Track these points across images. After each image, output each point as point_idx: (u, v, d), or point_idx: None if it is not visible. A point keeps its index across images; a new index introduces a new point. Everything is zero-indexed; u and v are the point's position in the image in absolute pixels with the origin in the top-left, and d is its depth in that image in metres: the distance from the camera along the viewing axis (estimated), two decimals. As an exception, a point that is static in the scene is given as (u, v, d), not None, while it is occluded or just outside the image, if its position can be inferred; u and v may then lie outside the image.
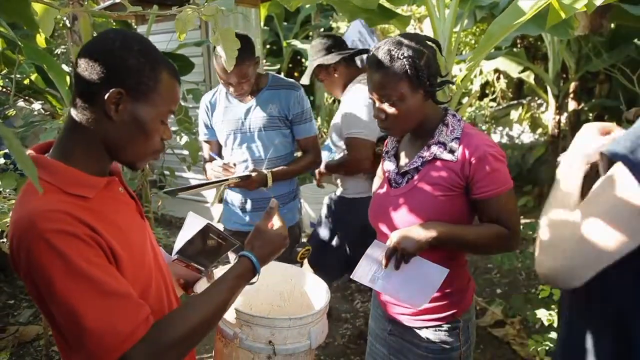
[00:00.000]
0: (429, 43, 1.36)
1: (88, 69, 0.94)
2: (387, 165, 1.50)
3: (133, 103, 0.96)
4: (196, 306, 0.98)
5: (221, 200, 2.36)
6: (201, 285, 1.34)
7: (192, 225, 1.37)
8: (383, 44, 1.34)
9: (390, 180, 1.47)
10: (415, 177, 1.39)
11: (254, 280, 1.10)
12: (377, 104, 1.36)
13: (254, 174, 2.07)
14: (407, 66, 1.28)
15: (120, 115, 0.96)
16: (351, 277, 1.42)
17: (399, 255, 1.31)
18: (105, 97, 0.93)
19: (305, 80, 2.49)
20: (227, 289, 1.03)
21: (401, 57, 1.29)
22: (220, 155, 2.30)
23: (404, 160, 1.47)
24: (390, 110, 1.33)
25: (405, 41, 1.32)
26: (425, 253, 1.34)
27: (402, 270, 1.34)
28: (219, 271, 1.45)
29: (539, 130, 5.36)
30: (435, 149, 1.36)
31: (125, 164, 1.04)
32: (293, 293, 1.55)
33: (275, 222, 1.17)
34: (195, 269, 1.32)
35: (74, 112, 0.98)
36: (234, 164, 2.14)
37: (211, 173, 2.13)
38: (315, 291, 1.49)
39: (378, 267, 1.37)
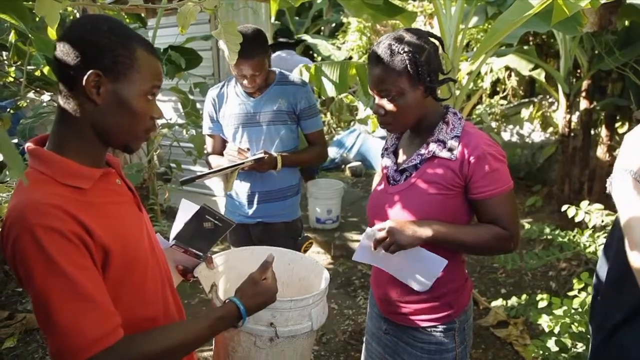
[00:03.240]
0: (431, 39, 1.35)
1: (64, 57, 0.95)
2: (386, 162, 1.49)
3: (113, 84, 0.96)
4: (171, 332, 0.99)
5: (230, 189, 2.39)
6: (200, 270, 1.35)
7: (186, 211, 1.37)
8: (384, 38, 1.33)
9: (388, 178, 1.47)
10: (414, 174, 1.38)
11: (238, 325, 1.11)
12: (377, 99, 1.35)
13: (265, 157, 2.10)
14: (407, 61, 1.27)
15: (103, 98, 0.96)
16: (353, 258, 1.41)
17: (387, 245, 1.30)
18: (84, 80, 0.93)
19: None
20: (206, 327, 1.04)
21: (401, 52, 1.27)
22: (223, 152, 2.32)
23: (402, 157, 1.46)
24: (390, 105, 1.32)
25: (407, 36, 1.31)
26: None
27: (400, 255, 1.33)
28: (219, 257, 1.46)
29: (550, 129, 5.29)
30: (434, 147, 1.35)
31: (119, 148, 1.04)
32: (291, 278, 1.55)
33: (269, 276, 1.18)
34: (193, 254, 1.32)
35: (61, 102, 0.98)
36: (247, 148, 2.17)
37: (226, 157, 2.16)
38: (314, 276, 1.50)
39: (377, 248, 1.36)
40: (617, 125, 4.48)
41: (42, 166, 0.94)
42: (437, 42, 1.37)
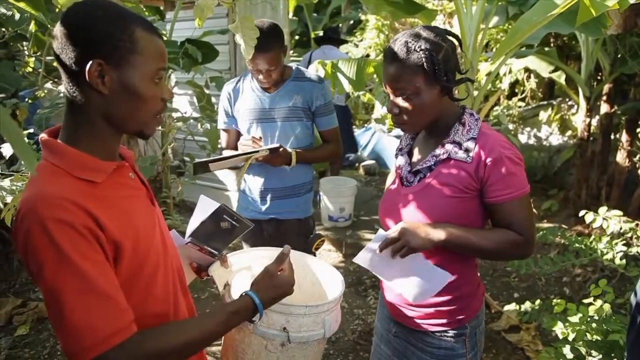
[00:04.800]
0: (449, 37, 1.32)
1: (62, 50, 0.92)
2: (400, 162, 1.46)
3: (117, 71, 0.92)
4: (184, 327, 0.97)
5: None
6: (214, 269, 1.33)
7: (204, 208, 1.35)
8: (401, 35, 1.30)
9: (402, 178, 1.44)
10: (428, 175, 1.35)
11: (254, 319, 1.09)
12: (391, 97, 1.32)
13: (280, 149, 2.10)
14: (423, 59, 1.23)
15: (108, 87, 0.93)
16: (354, 260, 1.38)
17: (399, 247, 1.26)
18: (86, 72, 0.90)
19: None
20: (220, 322, 1.02)
21: (418, 50, 1.24)
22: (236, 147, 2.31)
23: (417, 157, 1.43)
24: (404, 104, 1.29)
25: (424, 33, 1.27)
26: (433, 253, 1.30)
27: (402, 263, 1.29)
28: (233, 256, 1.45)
29: (568, 133, 5.20)
30: (449, 148, 1.32)
31: (133, 134, 1.02)
32: (304, 282, 1.53)
33: (286, 268, 1.16)
34: (208, 252, 1.31)
35: (67, 95, 0.96)
36: (260, 137, 2.16)
37: (240, 148, 2.16)
38: (327, 281, 1.48)
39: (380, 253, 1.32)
40: (638, 130, 4.39)
41: (55, 158, 0.93)
42: (455, 41, 1.34)
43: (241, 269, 1.48)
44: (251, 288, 1.10)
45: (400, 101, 1.30)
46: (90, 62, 0.90)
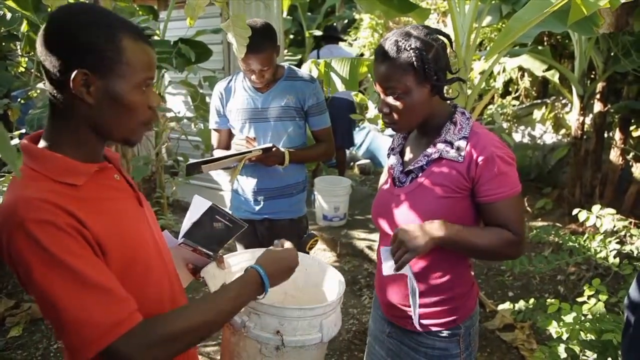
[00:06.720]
0: (439, 36, 1.31)
1: (47, 58, 0.89)
2: (392, 162, 1.46)
3: (103, 80, 0.90)
4: (194, 309, 0.95)
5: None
6: (209, 270, 1.31)
7: (198, 209, 1.33)
8: (391, 34, 1.29)
9: (394, 179, 1.43)
10: (420, 175, 1.35)
11: (260, 297, 1.07)
12: (382, 96, 1.32)
13: (274, 149, 2.09)
14: (413, 58, 1.23)
15: (94, 96, 0.91)
16: (383, 274, 1.33)
17: (402, 254, 1.24)
18: (71, 82, 0.88)
19: None
20: (229, 298, 0.99)
21: (408, 49, 1.23)
22: (229, 147, 2.30)
23: (408, 157, 1.43)
24: (395, 103, 1.29)
25: (414, 32, 1.27)
26: (428, 253, 1.29)
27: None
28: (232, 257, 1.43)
29: (562, 131, 5.21)
30: (441, 148, 1.31)
31: (119, 142, 1.01)
32: (307, 283, 1.51)
33: (286, 244, 1.16)
34: (202, 253, 1.29)
35: (51, 100, 0.94)
36: (254, 137, 2.15)
37: (234, 147, 2.15)
38: (330, 283, 1.46)
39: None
40: (631, 128, 4.41)
41: (33, 163, 0.91)
42: (445, 40, 1.33)
43: (238, 270, 1.47)
44: (255, 263, 1.10)
45: (390, 100, 1.29)
46: (75, 72, 0.88)
